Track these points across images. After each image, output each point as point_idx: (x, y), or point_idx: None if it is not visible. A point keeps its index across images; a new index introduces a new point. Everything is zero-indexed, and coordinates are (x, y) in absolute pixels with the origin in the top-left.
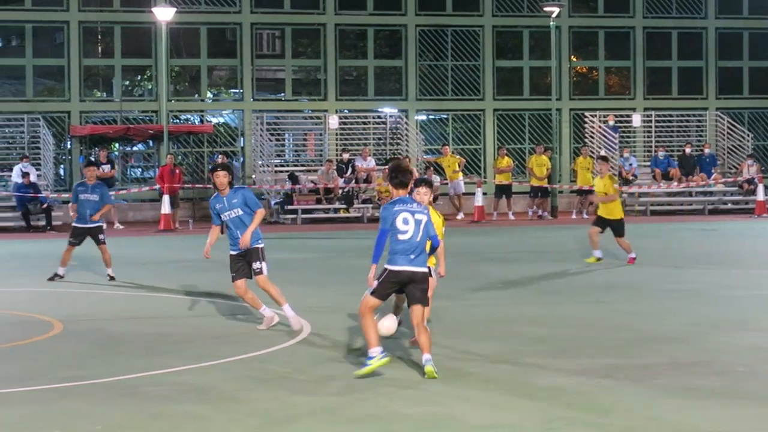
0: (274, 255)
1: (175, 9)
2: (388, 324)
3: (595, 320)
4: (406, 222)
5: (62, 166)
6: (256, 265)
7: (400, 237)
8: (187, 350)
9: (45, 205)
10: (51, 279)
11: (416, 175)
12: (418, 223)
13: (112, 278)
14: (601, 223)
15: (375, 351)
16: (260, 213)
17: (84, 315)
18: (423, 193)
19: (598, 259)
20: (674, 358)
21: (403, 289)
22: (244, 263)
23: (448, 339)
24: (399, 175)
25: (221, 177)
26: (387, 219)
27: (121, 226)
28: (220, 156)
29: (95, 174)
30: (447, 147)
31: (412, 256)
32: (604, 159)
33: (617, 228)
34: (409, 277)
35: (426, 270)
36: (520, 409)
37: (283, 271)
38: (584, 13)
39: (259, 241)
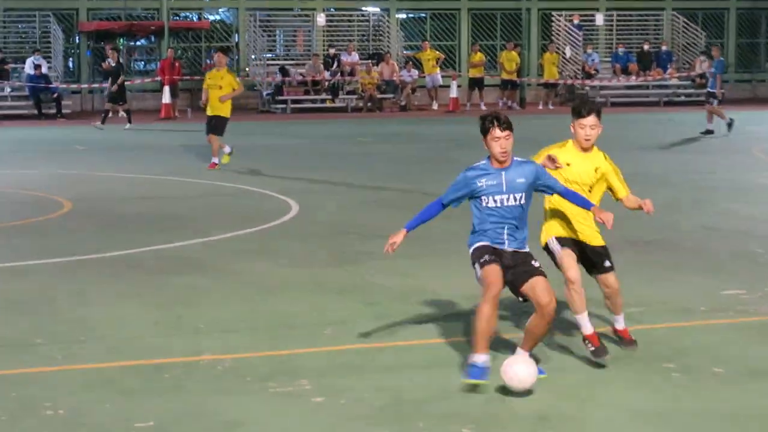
0: (267, 141)
1: None
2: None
3: None
4: None
5: (71, 59)
6: None
7: None
8: (186, 228)
9: (55, 95)
10: None
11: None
12: None
13: None
14: (210, 123)
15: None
16: None
17: (91, 196)
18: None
19: (229, 154)
20: (630, 236)
21: None
22: None
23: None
24: None
25: None
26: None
27: (125, 115)
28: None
29: None
30: (426, 43)
31: None
32: (224, 51)
33: (218, 126)
34: None
35: None
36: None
37: (276, 155)
38: None
39: None
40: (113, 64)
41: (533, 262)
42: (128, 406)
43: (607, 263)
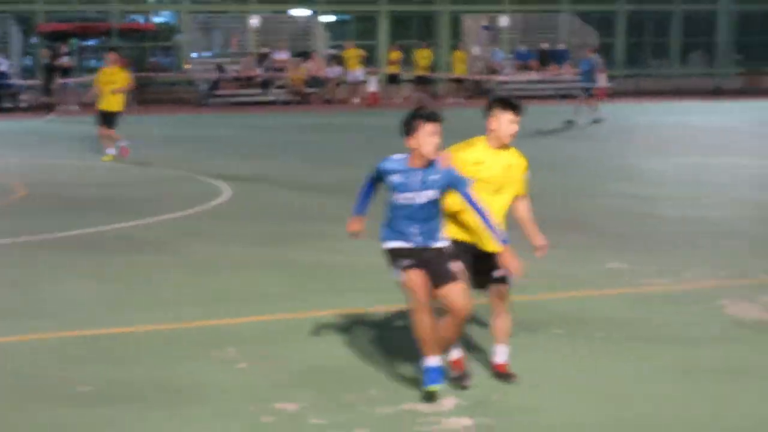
0: (204, 132)
1: None
2: None
3: None
4: None
5: (28, 57)
6: None
7: None
8: (132, 210)
9: (13, 90)
10: None
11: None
12: None
13: None
14: (103, 118)
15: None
16: None
17: (46, 182)
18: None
19: (113, 156)
20: (542, 218)
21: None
22: None
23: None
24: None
25: None
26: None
27: (77, 107)
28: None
29: None
30: (349, 42)
31: None
32: (114, 50)
33: (113, 120)
34: None
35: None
36: None
37: (212, 145)
38: None
39: None
40: (46, 62)
41: (448, 264)
42: (71, 372)
43: (504, 271)
